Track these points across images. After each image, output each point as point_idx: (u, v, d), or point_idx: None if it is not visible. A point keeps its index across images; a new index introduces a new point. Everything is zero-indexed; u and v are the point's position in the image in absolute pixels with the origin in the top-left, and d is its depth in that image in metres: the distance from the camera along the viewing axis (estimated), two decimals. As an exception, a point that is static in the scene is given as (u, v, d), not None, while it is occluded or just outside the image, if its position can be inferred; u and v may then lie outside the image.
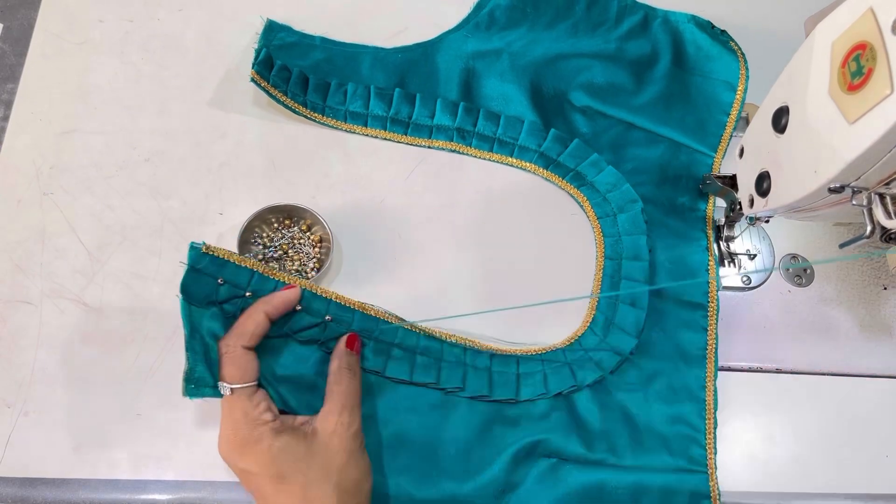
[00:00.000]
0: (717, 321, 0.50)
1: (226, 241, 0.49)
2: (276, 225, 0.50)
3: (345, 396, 0.40)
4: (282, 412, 0.40)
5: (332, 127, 0.55)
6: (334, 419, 0.39)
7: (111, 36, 0.56)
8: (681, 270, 0.52)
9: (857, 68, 0.33)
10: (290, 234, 0.50)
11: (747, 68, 0.59)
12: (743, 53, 0.60)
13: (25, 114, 0.53)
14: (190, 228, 0.50)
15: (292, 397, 0.42)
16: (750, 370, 0.51)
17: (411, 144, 0.55)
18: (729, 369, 0.51)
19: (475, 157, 0.56)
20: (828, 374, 0.52)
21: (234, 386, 0.38)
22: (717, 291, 0.51)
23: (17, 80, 0.54)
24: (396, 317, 0.47)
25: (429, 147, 0.55)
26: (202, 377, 0.38)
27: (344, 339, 0.43)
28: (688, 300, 0.51)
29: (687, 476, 0.46)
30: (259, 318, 0.40)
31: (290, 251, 0.49)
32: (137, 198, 0.51)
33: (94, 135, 0.53)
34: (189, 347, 0.39)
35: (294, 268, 0.48)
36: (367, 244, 0.51)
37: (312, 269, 0.49)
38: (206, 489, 0.43)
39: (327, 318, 0.44)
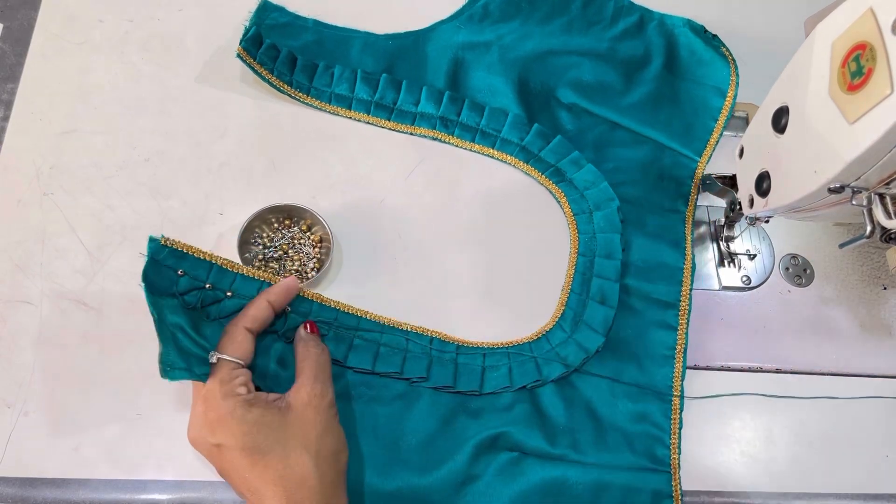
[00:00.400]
0: (688, 321, 0.50)
1: (226, 241, 0.49)
2: (276, 225, 0.50)
3: (315, 369, 0.41)
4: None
5: (316, 108, 0.55)
6: (307, 391, 0.39)
7: (111, 36, 0.56)
8: (655, 270, 0.52)
9: (857, 68, 0.33)
10: (290, 235, 0.50)
11: (738, 75, 0.59)
12: (734, 59, 0.60)
13: (25, 114, 0.53)
14: (190, 228, 0.50)
15: (258, 385, 0.42)
16: (750, 370, 0.51)
17: (393, 130, 0.56)
18: (729, 369, 0.51)
19: (456, 146, 0.56)
20: (828, 374, 0.52)
21: (221, 356, 0.39)
22: (690, 291, 0.51)
23: (17, 80, 0.54)
24: (358, 309, 0.48)
25: (411, 133, 0.56)
26: (174, 361, 0.39)
27: (303, 325, 0.44)
28: (659, 299, 0.51)
29: (649, 475, 0.45)
30: (261, 304, 0.42)
31: (290, 251, 0.49)
32: (137, 198, 0.51)
33: (94, 135, 0.53)
34: (159, 332, 0.40)
35: (294, 268, 0.48)
36: (367, 244, 0.51)
37: (312, 269, 0.49)
38: (206, 489, 0.43)
39: (287, 308, 0.44)
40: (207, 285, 0.42)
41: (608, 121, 0.57)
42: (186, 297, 0.42)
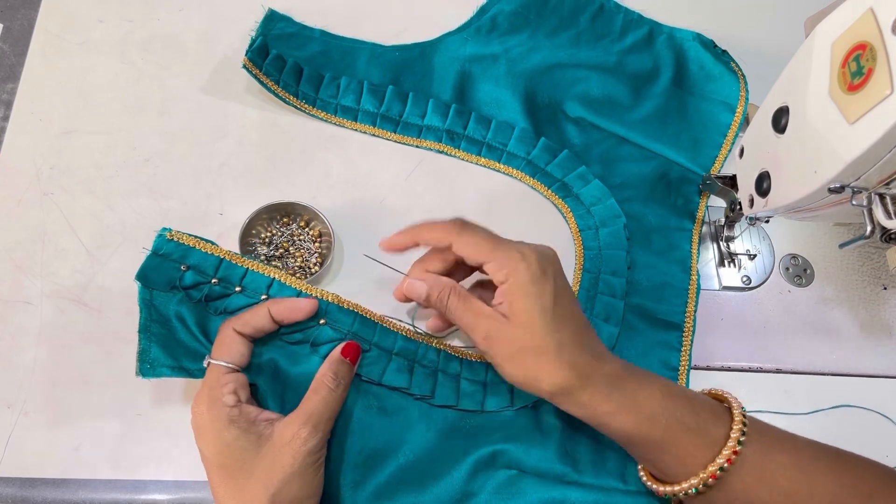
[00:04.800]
0: (691, 342, 0.50)
1: (226, 242, 0.49)
2: (274, 223, 0.50)
3: (315, 408, 0.38)
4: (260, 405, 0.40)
5: (321, 119, 0.55)
6: (293, 430, 0.37)
7: (111, 36, 0.56)
8: (660, 289, 0.51)
9: (857, 68, 0.33)
10: (288, 232, 0.50)
11: (747, 90, 0.58)
12: (744, 75, 0.59)
13: (25, 114, 0.53)
14: (190, 228, 0.49)
15: (269, 392, 0.41)
16: (750, 370, 0.51)
17: (399, 143, 0.55)
18: (729, 369, 0.51)
19: (462, 159, 0.55)
20: (828, 374, 0.52)
21: (211, 360, 0.38)
22: (695, 313, 0.51)
23: (17, 80, 0.54)
24: (396, 323, 0.45)
25: (417, 146, 0.55)
26: (157, 357, 0.39)
27: (341, 346, 0.42)
28: (664, 319, 0.50)
29: (650, 499, 0.44)
30: (261, 311, 0.40)
31: (290, 248, 0.49)
32: (137, 198, 0.51)
33: (94, 135, 0.53)
34: (143, 330, 0.39)
35: (297, 264, 0.49)
36: (368, 243, 0.51)
37: (315, 265, 0.49)
38: (206, 489, 0.43)
39: (321, 321, 0.42)
40: (214, 280, 0.41)
41: (615, 135, 0.57)
42: (191, 293, 0.41)
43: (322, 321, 0.42)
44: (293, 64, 0.54)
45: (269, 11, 0.57)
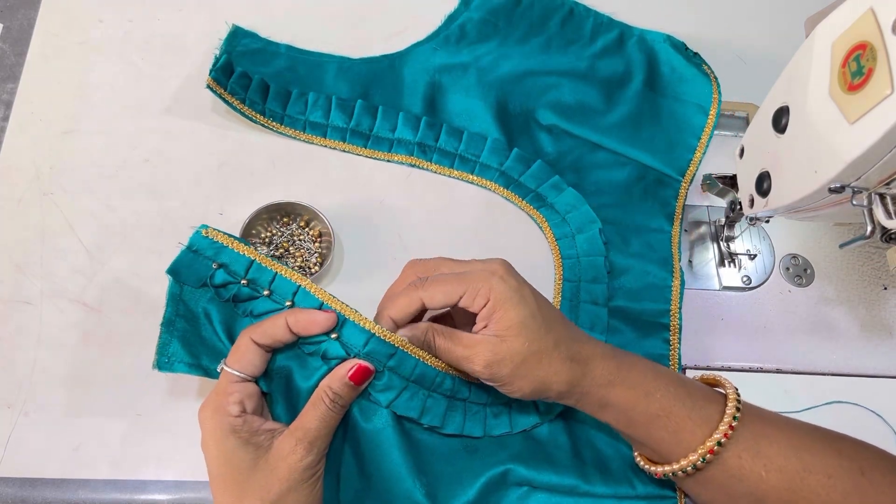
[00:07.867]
0: (679, 340, 0.50)
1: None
2: (274, 223, 0.50)
3: (311, 423, 0.37)
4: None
5: (290, 137, 0.54)
6: (291, 445, 0.36)
7: (111, 36, 0.56)
8: (643, 291, 0.51)
9: (857, 68, 0.33)
10: (288, 232, 0.50)
11: (720, 93, 0.58)
12: (716, 77, 0.58)
13: (25, 114, 0.53)
14: (190, 228, 0.50)
15: (279, 399, 0.40)
16: (750, 370, 0.51)
17: (370, 157, 0.54)
18: (729, 369, 0.51)
19: (435, 172, 0.55)
20: (828, 374, 0.52)
21: (224, 367, 0.38)
22: (679, 310, 0.50)
23: (17, 80, 0.54)
24: (417, 350, 0.41)
25: (388, 161, 0.54)
26: (176, 353, 0.39)
27: (347, 365, 0.39)
28: (650, 320, 0.50)
29: (658, 502, 0.44)
30: (279, 322, 0.38)
31: (290, 248, 0.49)
32: (137, 198, 0.51)
33: (94, 135, 0.53)
34: (166, 323, 0.39)
35: (297, 264, 0.49)
36: (368, 244, 0.51)
37: (315, 265, 0.49)
38: (206, 489, 0.43)
39: (333, 335, 0.39)
40: (243, 281, 0.40)
41: (589, 142, 0.56)
42: (221, 292, 0.40)
43: (334, 335, 0.40)
44: (259, 81, 0.53)
45: (233, 28, 0.56)
